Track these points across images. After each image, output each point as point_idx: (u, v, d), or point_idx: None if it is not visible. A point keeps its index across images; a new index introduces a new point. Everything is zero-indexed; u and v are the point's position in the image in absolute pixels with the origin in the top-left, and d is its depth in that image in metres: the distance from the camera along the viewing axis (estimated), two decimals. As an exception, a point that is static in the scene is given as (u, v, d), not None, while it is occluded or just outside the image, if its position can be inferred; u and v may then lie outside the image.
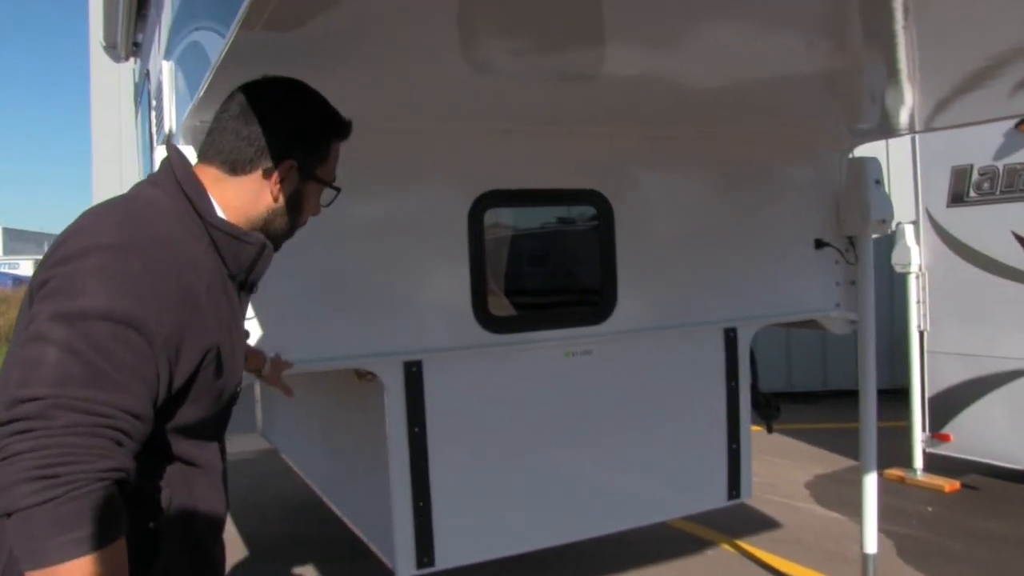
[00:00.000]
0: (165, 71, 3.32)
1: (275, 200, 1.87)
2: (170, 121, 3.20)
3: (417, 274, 3.46)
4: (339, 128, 1.96)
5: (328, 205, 2.03)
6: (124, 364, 1.48)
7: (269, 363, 2.81)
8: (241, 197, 1.84)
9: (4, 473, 1.37)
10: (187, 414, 1.69)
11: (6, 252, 56.91)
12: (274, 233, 1.92)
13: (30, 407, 1.40)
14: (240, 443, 5.61)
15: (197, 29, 2.56)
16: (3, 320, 20.65)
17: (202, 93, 2.43)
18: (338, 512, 4.45)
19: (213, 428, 1.85)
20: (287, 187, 1.87)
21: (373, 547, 3.82)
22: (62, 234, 1.64)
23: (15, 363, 1.50)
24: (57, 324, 1.47)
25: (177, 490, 1.74)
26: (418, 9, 2.03)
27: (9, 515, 1.37)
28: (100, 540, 1.41)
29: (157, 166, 2.73)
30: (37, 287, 1.57)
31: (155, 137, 3.86)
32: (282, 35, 2.07)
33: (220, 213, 1.81)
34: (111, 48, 5.80)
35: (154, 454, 1.66)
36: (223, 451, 1.96)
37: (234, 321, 1.84)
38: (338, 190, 2.01)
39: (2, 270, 39.32)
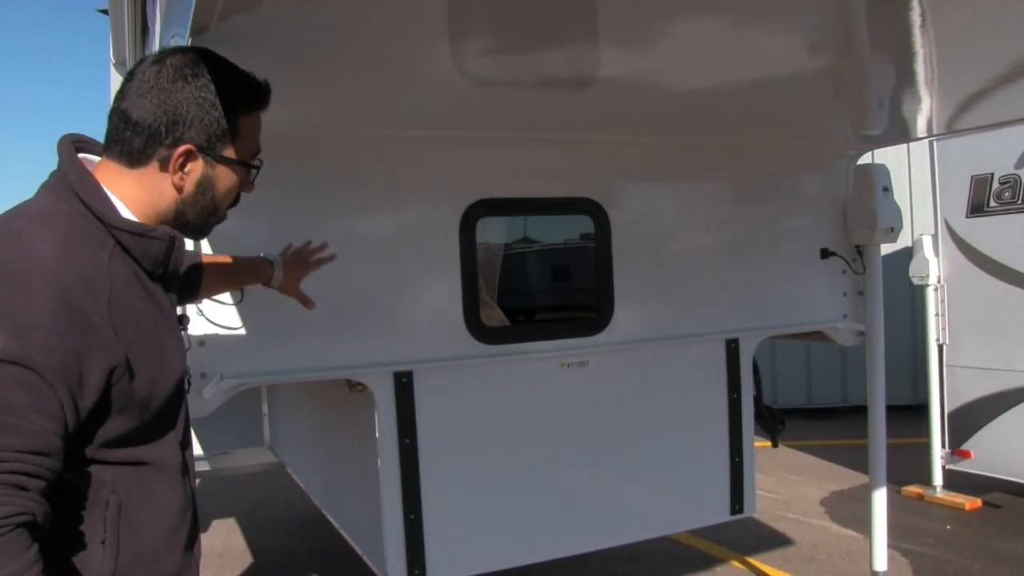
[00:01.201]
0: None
1: (180, 191, 1.71)
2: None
3: (408, 284, 3.43)
4: (248, 99, 1.76)
5: (253, 180, 1.84)
6: (14, 404, 1.41)
7: (280, 271, 2.67)
8: (145, 190, 1.69)
9: None
10: (113, 428, 1.60)
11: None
12: (192, 223, 1.77)
13: None
14: (248, 457, 5.60)
15: (173, 37, 2.56)
16: None
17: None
18: (335, 524, 4.41)
19: (157, 427, 1.73)
20: (192, 175, 1.70)
21: (367, 560, 3.77)
22: None
23: None
24: None
25: (127, 493, 1.65)
26: (405, 14, 2.00)
27: None
28: None
29: None
30: None
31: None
32: (253, 40, 2.04)
33: (124, 211, 1.67)
34: (121, 65, 5.83)
35: (92, 468, 1.59)
36: (186, 443, 1.86)
37: (160, 318, 1.73)
38: (256, 168, 1.82)
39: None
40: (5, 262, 1.49)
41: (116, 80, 10.52)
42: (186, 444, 1.87)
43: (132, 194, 1.68)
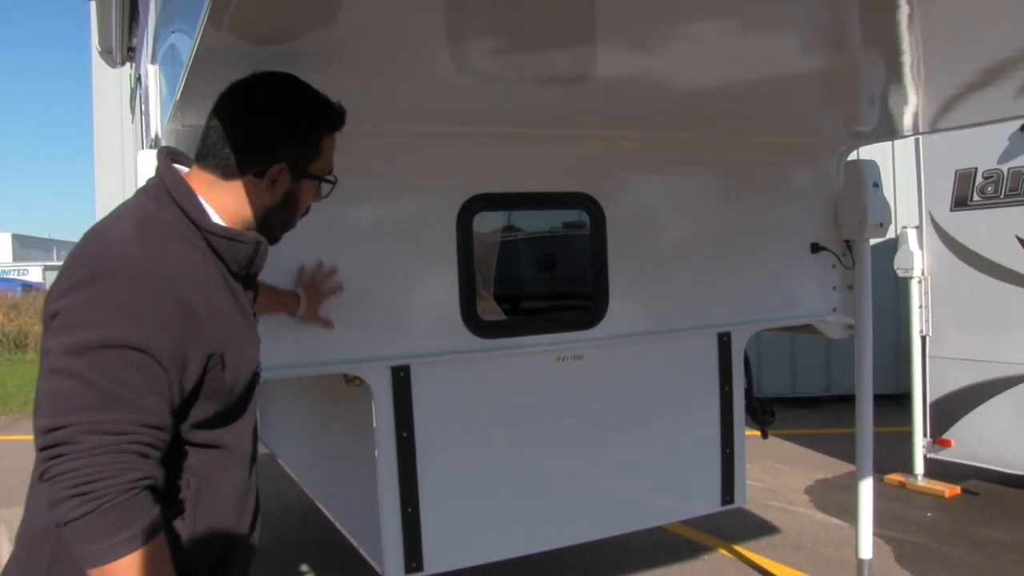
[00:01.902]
0: (151, 75, 3.32)
1: (269, 202, 1.94)
2: (155, 125, 3.19)
3: (405, 278, 3.45)
4: (330, 122, 2.00)
5: (327, 196, 2.08)
6: (135, 384, 1.64)
7: (303, 304, 3.08)
8: (235, 200, 1.91)
9: (50, 492, 1.59)
10: (200, 411, 1.81)
11: (16, 259, 57.16)
12: (271, 229, 2.00)
13: (59, 435, 1.59)
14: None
15: (174, 32, 2.56)
16: (13, 326, 20.61)
17: (178, 96, 2.42)
18: (330, 517, 4.43)
19: (235, 413, 1.94)
20: (280, 188, 1.94)
21: (363, 552, 3.80)
22: (68, 258, 1.78)
23: (40, 395, 1.66)
24: (70, 357, 1.62)
25: (206, 475, 1.86)
26: (401, 11, 2.01)
27: (62, 525, 1.59)
28: (138, 541, 1.60)
29: (140, 171, 2.74)
30: (48, 318, 1.71)
31: (144, 141, 3.85)
32: (255, 36, 2.04)
33: (215, 217, 1.88)
34: (107, 53, 5.78)
35: (177, 449, 1.80)
36: (255, 432, 2.07)
37: (242, 315, 1.94)
38: (334, 182, 2.05)
39: (12, 277, 39.36)
40: (121, 260, 1.71)
41: (100, 68, 10.45)
42: (256, 432, 2.09)
43: (223, 202, 1.91)
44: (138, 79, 5.06)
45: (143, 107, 3.97)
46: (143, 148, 3.50)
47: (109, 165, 11.28)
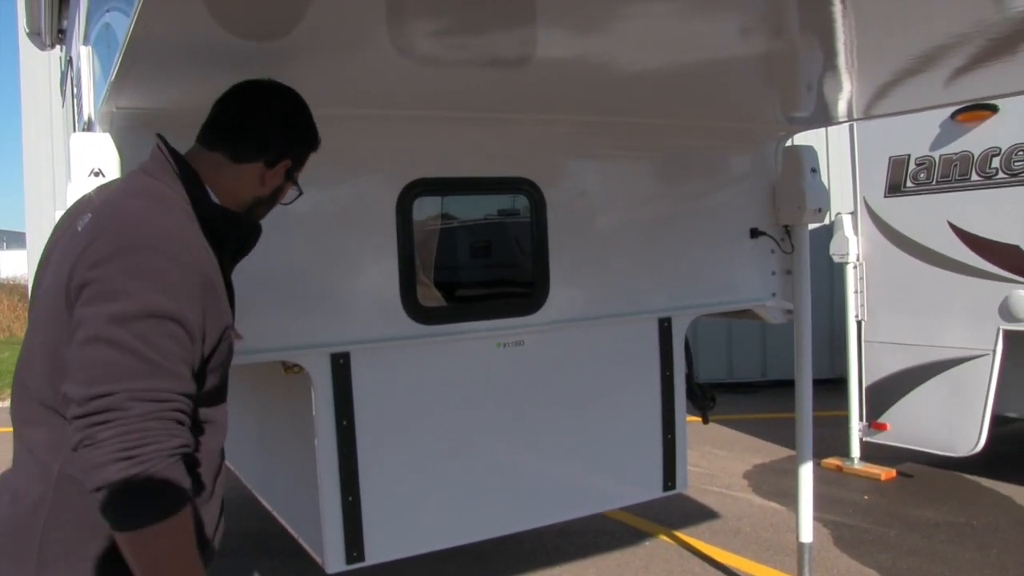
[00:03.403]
0: (83, 56, 3.22)
1: (261, 192, 2.13)
2: (89, 108, 3.10)
3: (344, 264, 3.39)
4: (316, 140, 2.25)
5: (289, 204, 2.32)
6: (172, 354, 1.72)
7: None
8: (237, 183, 2.08)
9: (93, 456, 1.62)
10: (206, 383, 1.89)
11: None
12: (254, 216, 2.18)
13: (105, 401, 1.64)
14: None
15: (108, 11, 2.47)
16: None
17: (113, 77, 2.34)
18: (269, 507, 4.36)
19: (223, 390, 2.04)
20: (274, 182, 2.15)
21: (303, 543, 3.74)
22: (87, 233, 1.81)
23: (79, 363, 1.69)
24: (110, 326, 1.67)
25: (200, 452, 1.90)
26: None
27: (98, 489, 1.62)
28: (174, 506, 1.68)
29: (73, 155, 2.68)
30: (76, 289, 1.74)
31: (76, 125, 3.74)
32: (190, 14, 1.98)
33: (212, 196, 2.03)
34: (35, 35, 5.59)
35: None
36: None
37: (229, 293, 2.07)
38: (301, 192, 2.29)
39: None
40: (148, 233, 1.79)
41: (28, 51, 10.18)
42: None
43: (224, 183, 2.06)
44: (69, 61, 4.91)
45: (75, 90, 3.86)
46: (75, 132, 3.39)
47: (38, 150, 11.00)
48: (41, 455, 1.84)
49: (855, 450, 7.09)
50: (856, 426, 7.06)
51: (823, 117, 4.25)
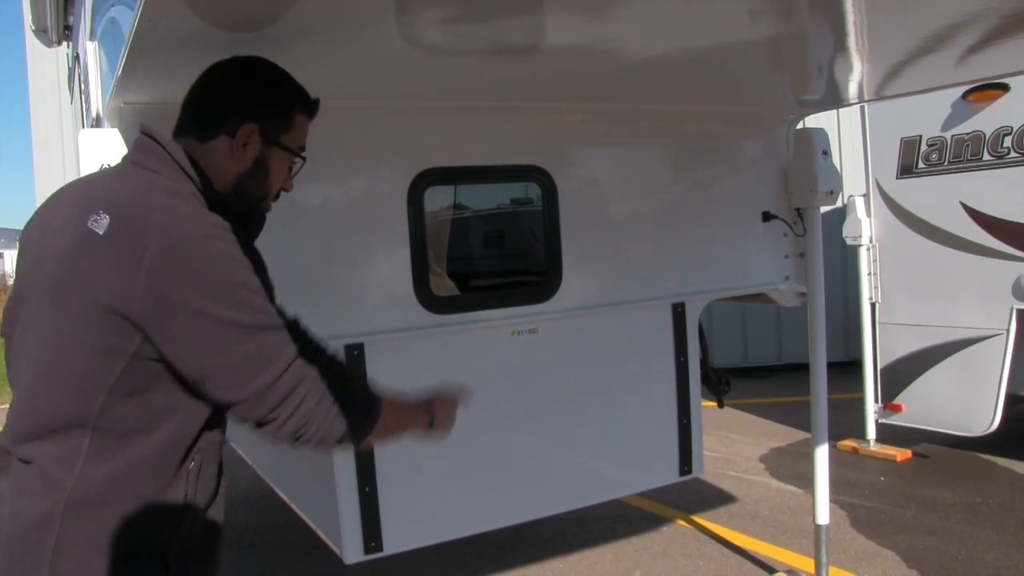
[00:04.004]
0: (90, 52, 3.21)
1: (242, 166, 1.99)
2: (97, 104, 3.10)
3: (357, 255, 3.39)
4: (303, 101, 2.09)
5: (295, 175, 2.15)
6: (270, 309, 1.84)
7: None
8: (212, 165, 1.95)
9: (309, 430, 1.83)
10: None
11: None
12: (247, 200, 2.03)
13: (279, 389, 1.76)
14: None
15: (113, 5, 2.47)
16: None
17: (120, 72, 2.34)
18: (287, 499, 4.38)
19: None
20: (251, 152, 1.99)
21: (321, 534, 3.76)
22: (124, 242, 1.72)
23: (228, 369, 1.75)
24: (230, 328, 1.73)
25: (207, 458, 1.89)
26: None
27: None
28: (368, 403, 1.99)
29: (82, 151, 2.66)
30: (154, 308, 1.69)
31: (84, 121, 3.74)
32: (197, 7, 1.98)
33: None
34: (41, 32, 5.57)
35: (193, 429, 1.83)
36: None
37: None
38: (304, 159, 2.13)
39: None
40: (184, 226, 1.74)
41: (35, 47, 10.19)
42: None
43: (203, 167, 1.94)
44: (76, 58, 4.92)
45: (83, 86, 3.86)
46: (84, 128, 3.40)
47: (48, 147, 11.01)
48: (48, 468, 1.72)
49: (871, 432, 7.08)
50: (871, 408, 7.04)
51: (834, 99, 4.22)
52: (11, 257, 36.56)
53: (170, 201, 1.80)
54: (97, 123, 3.01)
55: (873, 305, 7.01)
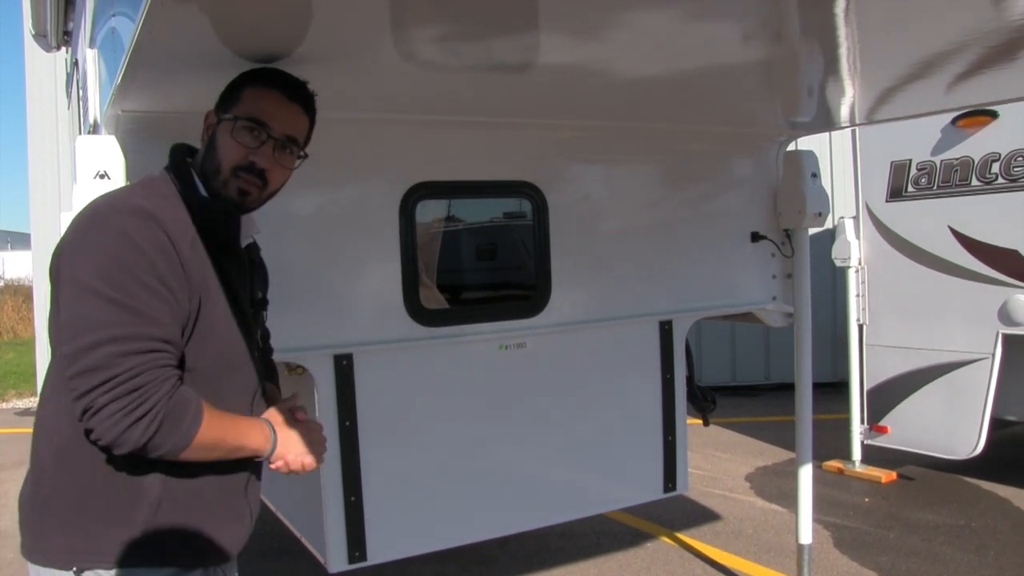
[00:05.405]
0: (89, 59, 3.24)
1: (202, 150, 2.12)
2: (95, 110, 3.12)
3: (348, 267, 3.42)
4: (253, 74, 2.17)
5: (276, 155, 2.10)
6: (147, 301, 1.83)
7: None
8: (197, 164, 2.12)
9: (102, 426, 1.76)
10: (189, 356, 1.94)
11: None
12: (214, 181, 2.06)
13: (93, 357, 1.76)
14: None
15: (114, 15, 2.50)
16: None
17: (119, 81, 2.37)
18: (272, 507, 4.38)
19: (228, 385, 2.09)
20: (207, 134, 2.13)
21: (305, 542, 3.77)
22: None
23: (65, 324, 1.82)
24: (81, 288, 1.82)
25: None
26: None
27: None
28: (197, 414, 1.85)
29: (78, 157, 2.71)
30: (54, 270, 1.90)
31: (81, 127, 3.77)
32: (197, 20, 2.01)
33: (200, 188, 2.07)
34: (41, 37, 5.60)
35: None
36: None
37: (238, 281, 2.13)
38: (246, 120, 2.06)
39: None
40: (104, 211, 1.90)
41: (33, 52, 10.19)
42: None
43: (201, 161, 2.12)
44: (75, 64, 4.95)
45: (80, 92, 3.89)
46: (80, 134, 3.42)
47: (44, 153, 11.01)
48: (48, 425, 1.95)
49: (856, 453, 7.11)
50: (857, 429, 7.07)
51: (825, 122, 4.27)
52: (10, 259, 36.39)
53: (124, 190, 2.07)
54: (94, 130, 3.03)
55: (861, 327, 7.05)
